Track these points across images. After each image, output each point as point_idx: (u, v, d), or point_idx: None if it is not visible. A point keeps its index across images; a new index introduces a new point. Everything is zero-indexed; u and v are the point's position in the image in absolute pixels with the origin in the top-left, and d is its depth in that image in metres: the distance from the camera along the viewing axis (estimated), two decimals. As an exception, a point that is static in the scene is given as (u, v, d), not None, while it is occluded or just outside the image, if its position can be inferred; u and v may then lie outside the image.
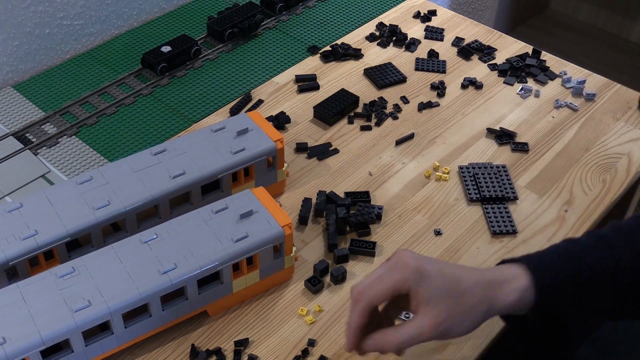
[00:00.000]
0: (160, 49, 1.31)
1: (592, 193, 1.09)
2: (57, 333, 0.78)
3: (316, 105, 1.21)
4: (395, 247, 1.00)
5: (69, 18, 1.34)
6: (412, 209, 1.06)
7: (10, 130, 1.19)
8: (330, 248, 0.99)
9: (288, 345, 0.89)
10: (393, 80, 1.28)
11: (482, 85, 1.28)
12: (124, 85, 1.29)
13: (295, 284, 0.96)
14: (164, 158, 0.98)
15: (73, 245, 0.92)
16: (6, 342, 0.76)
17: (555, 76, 1.30)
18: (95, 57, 1.36)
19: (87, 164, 1.13)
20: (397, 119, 1.21)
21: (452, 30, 1.42)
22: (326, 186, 1.09)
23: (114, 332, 0.83)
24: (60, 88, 1.28)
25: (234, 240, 0.87)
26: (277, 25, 1.44)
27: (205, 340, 0.89)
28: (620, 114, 1.22)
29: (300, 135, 1.18)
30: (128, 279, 0.83)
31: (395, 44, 1.38)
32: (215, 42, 1.39)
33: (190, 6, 1.50)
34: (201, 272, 0.85)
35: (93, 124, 1.21)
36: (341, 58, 1.35)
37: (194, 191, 0.97)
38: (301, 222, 1.03)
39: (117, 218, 0.92)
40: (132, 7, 1.43)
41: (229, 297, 0.91)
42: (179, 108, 1.24)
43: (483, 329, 0.90)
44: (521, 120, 1.21)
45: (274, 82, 1.29)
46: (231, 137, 1.01)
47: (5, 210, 0.91)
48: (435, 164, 1.13)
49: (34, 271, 0.89)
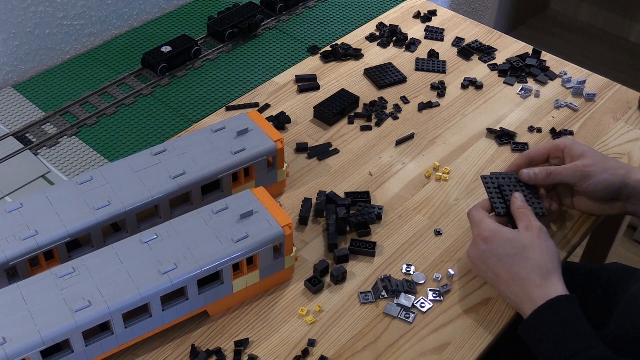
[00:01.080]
0: (160, 49, 1.31)
1: (592, 193, 1.09)
2: (57, 333, 0.78)
3: (316, 105, 1.21)
4: (395, 247, 1.00)
5: (69, 18, 1.34)
6: (412, 209, 1.06)
7: (10, 130, 1.19)
8: (330, 248, 0.99)
9: (288, 345, 0.89)
10: (393, 80, 1.28)
11: (482, 85, 1.28)
12: (124, 85, 1.29)
13: (295, 284, 0.96)
14: (164, 158, 0.98)
15: (73, 245, 0.92)
16: (6, 342, 0.76)
17: (555, 76, 1.30)
18: (95, 57, 1.36)
19: (87, 164, 1.13)
20: (397, 119, 1.21)
21: (452, 30, 1.42)
22: (326, 186, 1.09)
23: (114, 332, 0.83)
24: (60, 88, 1.29)
25: (234, 240, 0.87)
26: (277, 25, 1.44)
27: (205, 340, 0.89)
28: (620, 114, 1.22)
29: (300, 135, 1.18)
30: (128, 279, 0.83)
31: (395, 44, 1.38)
32: (215, 42, 1.39)
33: (190, 6, 1.50)
34: (201, 272, 0.85)
35: (93, 124, 1.21)
36: (341, 58, 1.35)
37: (194, 191, 0.97)
38: (301, 222, 1.03)
39: (117, 218, 0.92)
40: (132, 7, 1.43)
41: (229, 297, 0.91)
42: (179, 108, 1.24)
43: (483, 329, 0.90)
44: (521, 120, 1.21)
45: (274, 82, 1.29)
46: (231, 137, 1.01)
47: (5, 210, 0.91)
48: (435, 164, 1.13)
49: (34, 271, 0.89)
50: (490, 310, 0.93)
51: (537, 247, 0.87)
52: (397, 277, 0.96)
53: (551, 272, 0.86)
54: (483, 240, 0.90)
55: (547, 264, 0.86)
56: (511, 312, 0.92)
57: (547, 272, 0.86)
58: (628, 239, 2.04)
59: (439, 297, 0.94)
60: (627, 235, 2.04)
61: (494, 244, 0.89)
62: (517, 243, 0.88)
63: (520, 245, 0.88)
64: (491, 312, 0.92)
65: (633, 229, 2.04)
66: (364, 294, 0.94)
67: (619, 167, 0.95)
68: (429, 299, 0.94)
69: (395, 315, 0.92)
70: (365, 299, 0.93)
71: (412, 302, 0.93)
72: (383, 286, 0.95)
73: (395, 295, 0.94)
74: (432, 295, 0.94)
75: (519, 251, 0.88)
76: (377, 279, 0.96)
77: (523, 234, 0.89)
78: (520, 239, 0.88)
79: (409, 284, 0.95)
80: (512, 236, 0.89)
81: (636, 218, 1.95)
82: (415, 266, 0.98)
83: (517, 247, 0.88)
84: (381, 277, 0.96)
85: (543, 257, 0.87)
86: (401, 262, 0.98)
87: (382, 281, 0.95)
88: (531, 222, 0.90)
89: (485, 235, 0.90)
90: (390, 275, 0.96)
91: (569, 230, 1.03)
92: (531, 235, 0.88)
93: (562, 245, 1.01)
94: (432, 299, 0.94)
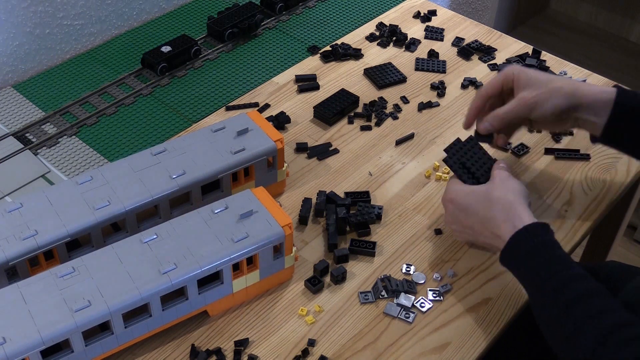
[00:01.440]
0: (160, 49, 1.31)
1: (592, 193, 1.09)
2: (57, 333, 0.78)
3: (316, 105, 1.21)
4: (395, 247, 1.00)
5: (69, 18, 1.34)
6: (412, 208, 1.06)
7: (10, 130, 1.19)
8: (330, 248, 0.99)
9: (288, 345, 0.89)
10: (393, 80, 1.28)
11: (482, 85, 1.28)
12: (124, 85, 1.29)
13: (295, 284, 0.96)
14: (164, 158, 0.98)
15: (73, 245, 0.92)
16: (6, 342, 0.76)
17: (555, 76, 1.30)
18: (95, 57, 1.36)
19: (87, 164, 1.13)
20: (397, 119, 1.21)
21: (452, 30, 1.42)
22: (326, 186, 1.09)
23: (114, 332, 0.83)
24: (60, 88, 1.29)
25: (234, 240, 0.87)
26: (277, 25, 1.44)
27: (205, 340, 0.89)
28: (620, 114, 1.22)
29: (300, 135, 1.18)
30: (128, 279, 0.83)
31: (395, 44, 1.38)
32: (215, 42, 1.39)
33: (190, 6, 1.50)
34: (201, 272, 0.85)
35: (93, 124, 1.21)
36: (341, 58, 1.35)
37: (194, 191, 0.97)
38: (301, 222, 1.03)
39: (117, 218, 0.92)
40: (132, 7, 1.43)
41: (229, 297, 0.91)
42: (179, 108, 1.24)
43: (483, 329, 0.90)
44: (521, 120, 1.21)
45: (274, 82, 1.29)
46: (231, 137, 1.01)
47: (5, 210, 0.91)
48: (435, 164, 1.13)
49: (34, 271, 0.89)
50: (490, 310, 0.93)
51: (498, 187, 0.91)
52: (397, 277, 0.96)
53: (514, 205, 0.88)
54: (449, 202, 0.94)
55: (510, 199, 0.89)
56: (511, 312, 0.92)
57: (510, 206, 0.88)
58: (628, 239, 2.04)
59: (439, 297, 0.94)
60: (627, 235, 2.04)
61: (459, 200, 0.93)
62: (479, 190, 0.92)
63: (481, 191, 0.92)
64: (491, 312, 0.93)
65: (633, 229, 2.04)
66: (364, 294, 0.94)
67: (565, 85, 0.96)
68: (429, 299, 0.94)
69: (395, 315, 0.92)
70: (365, 299, 0.93)
71: (412, 302, 0.93)
72: (383, 286, 0.95)
73: (395, 295, 0.94)
74: (432, 295, 0.94)
75: (481, 197, 0.91)
76: (377, 279, 0.96)
77: (483, 185, 0.93)
78: (481, 188, 0.92)
79: (409, 284, 0.95)
80: (474, 188, 0.93)
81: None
82: (415, 266, 0.98)
83: (480, 194, 0.91)
84: (381, 277, 0.96)
85: (506, 194, 0.89)
86: (401, 262, 0.98)
87: (382, 281, 0.95)
88: (493, 174, 0.94)
89: (450, 197, 0.94)
90: (390, 275, 0.96)
91: (569, 230, 1.03)
92: (492, 182, 0.92)
93: (563, 245, 1.01)
94: (432, 299, 0.94)
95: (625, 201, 1.26)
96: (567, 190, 1.09)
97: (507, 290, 0.95)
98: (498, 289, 0.95)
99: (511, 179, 0.92)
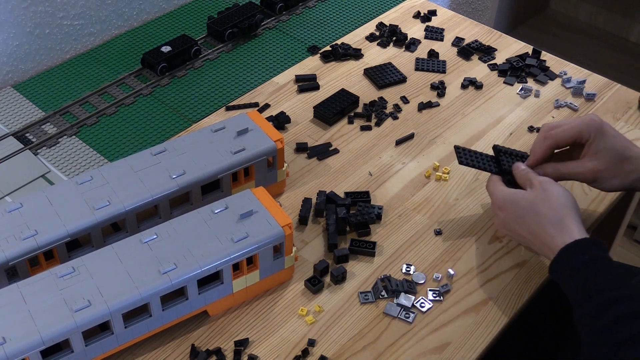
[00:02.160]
0: (160, 49, 1.31)
1: (592, 193, 1.09)
2: (57, 333, 0.78)
3: (316, 105, 1.21)
4: (395, 247, 1.00)
5: (69, 18, 1.34)
6: (412, 209, 1.06)
7: (10, 130, 1.19)
8: (330, 248, 0.99)
9: (288, 345, 0.89)
10: (393, 80, 1.28)
11: (482, 85, 1.28)
12: (124, 85, 1.29)
13: (295, 284, 0.96)
14: (164, 158, 0.98)
15: (73, 245, 0.92)
16: (6, 342, 0.76)
17: (555, 76, 1.30)
18: (95, 57, 1.36)
19: (87, 164, 1.13)
20: (397, 119, 1.21)
21: (452, 30, 1.42)
22: (326, 186, 1.09)
23: (114, 332, 0.83)
24: (60, 88, 1.29)
25: (234, 240, 0.87)
26: (277, 25, 1.44)
27: (205, 340, 0.89)
28: (620, 114, 1.22)
29: (300, 135, 1.18)
30: (128, 279, 0.83)
31: (395, 44, 1.38)
32: (215, 42, 1.39)
33: (190, 6, 1.50)
34: (201, 272, 0.85)
35: (93, 124, 1.21)
36: (341, 58, 1.35)
37: (194, 191, 0.97)
38: (301, 222, 1.03)
39: (117, 218, 0.92)
40: (132, 7, 1.43)
41: (229, 297, 0.91)
42: (179, 108, 1.24)
43: (483, 329, 0.90)
44: (521, 120, 1.21)
45: (274, 82, 1.29)
46: (231, 137, 1.01)
47: (5, 210, 0.91)
48: (435, 164, 1.13)
49: (34, 271, 0.89)
50: (491, 310, 0.93)
51: (542, 200, 0.90)
52: (397, 277, 0.96)
53: (563, 220, 0.88)
54: (499, 209, 0.94)
55: (557, 213, 0.88)
56: (511, 312, 0.92)
57: (559, 221, 0.88)
58: (628, 239, 2.04)
59: (439, 297, 0.94)
60: (627, 235, 2.04)
61: (508, 210, 0.93)
62: (525, 203, 0.91)
63: (527, 204, 0.91)
64: (491, 312, 0.93)
65: (633, 228, 2.04)
66: (364, 294, 0.94)
67: (631, 171, 0.94)
68: (429, 299, 0.94)
69: (395, 315, 0.92)
70: (365, 299, 0.93)
71: (412, 302, 0.93)
72: (383, 286, 0.95)
73: (395, 295, 0.94)
74: (432, 295, 0.94)
75: (528, 210, 0.90)
76: (377, 279, 0.96)
77: (528, 194, 0.92)
78: (526, 198, 0.91)
79: (409, 284, 0.95)
80: (519, 197, 0.92)
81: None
82: (415, 266, 0.98)
83: (526, 207, 0.91)
84: (381, 277, 0.96)
85: (552, 207, 0.89)
86: (401, 262, 0.98)
87: (382, 281, 0.95)
88: (532, 180, 0.93)
89: (499, 204, 0.94)
90: (390, 275, 0.96)
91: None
92: (535, 192, 0.91)
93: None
94: (432, 299, 0.94)
95: (625, 201, 1.26)
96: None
97: (507, 290, 0.95)
98: (498, 289, 0.95)
99: (553, 186, 0.91)
